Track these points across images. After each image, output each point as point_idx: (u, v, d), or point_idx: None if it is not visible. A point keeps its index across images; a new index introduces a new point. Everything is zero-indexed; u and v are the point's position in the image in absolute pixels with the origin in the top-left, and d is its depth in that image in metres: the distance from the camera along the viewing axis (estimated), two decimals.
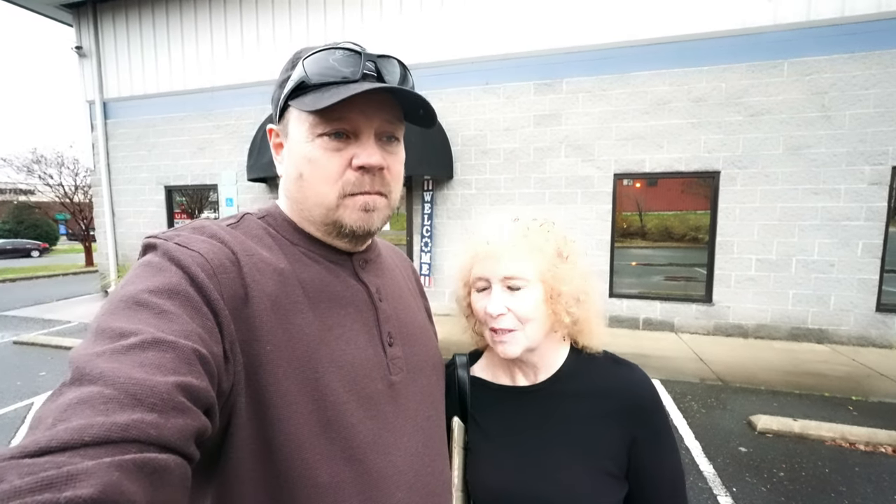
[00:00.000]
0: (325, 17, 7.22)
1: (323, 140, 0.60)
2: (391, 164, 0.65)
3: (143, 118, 8.65)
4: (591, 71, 6.18)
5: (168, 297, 0.47)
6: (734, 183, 5.78)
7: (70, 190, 17.75)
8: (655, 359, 4.98)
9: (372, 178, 0.62)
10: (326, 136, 0.60)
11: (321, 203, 0.62)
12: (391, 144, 0.66)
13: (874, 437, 3.18)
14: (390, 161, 0.65)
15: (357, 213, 0.63)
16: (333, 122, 0.60)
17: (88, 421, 0.34)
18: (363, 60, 0.60)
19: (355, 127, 0.61)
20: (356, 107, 0.59)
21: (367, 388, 0.61)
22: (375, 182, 0.63)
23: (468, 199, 6.86)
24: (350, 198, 0.62)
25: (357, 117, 0.60)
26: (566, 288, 0.77)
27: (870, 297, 5.45)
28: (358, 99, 0.57)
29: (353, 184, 0.61)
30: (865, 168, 5.33)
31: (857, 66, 5.27)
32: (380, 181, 0.64)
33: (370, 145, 0.62)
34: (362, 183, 0.62)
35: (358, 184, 0.62)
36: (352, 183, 0.61)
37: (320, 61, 0.60)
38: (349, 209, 0.62)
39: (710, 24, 5.69)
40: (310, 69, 0.60)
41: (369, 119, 0.61)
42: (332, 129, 0.60)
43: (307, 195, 0.63)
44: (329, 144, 0.60)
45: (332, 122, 0.60)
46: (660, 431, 0.76)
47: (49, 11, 8.93)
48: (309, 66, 0.60)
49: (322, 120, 0.60)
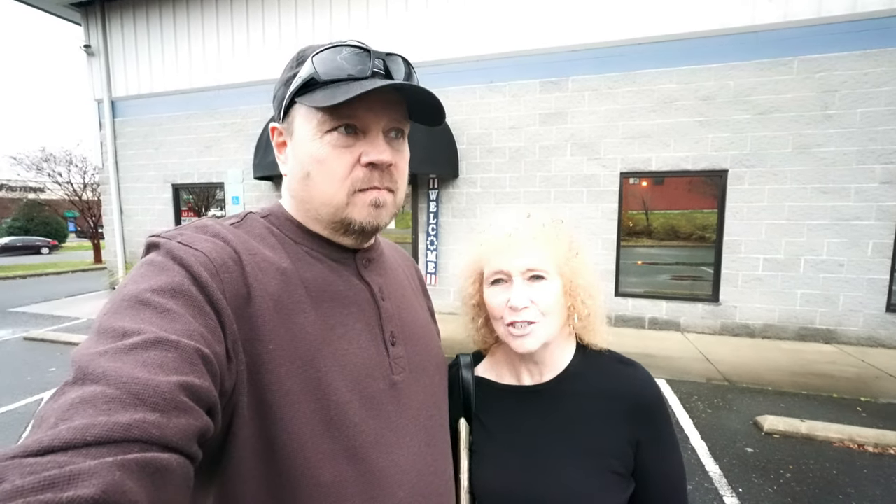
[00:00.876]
0: (330, 15, 7.23)
1: (332, 136, 0.60)
2: (398, 161, 0.65)
3: (150, 116, 8.71)
4: (597, 69, 6.14)
5: (171, 297, 0.47)
6: (742, 182, 5.72)
7: (79, 188, 17.96)
8: (661, 358, 4.95)
9: (381, 175, 0.63)
10: (335, 132, 0.60)
11: (329, 202, 0.62)
12: (398, 142, 0.66)
13: (883, 439, 3.14)
14: (397, 158, 0.65)
15: (367, 209, 0.63)
16: (343, 118, 0.60)
17: (91, 420, 0.34)
18: (372, 58, 0.60)
19: (364, 124, 0.61)
20: (365, 104, 0.60)
21: (369, 387, 0.61)
22: (384, 178, 0.63)
23: (473, 198, 6.85)
24: (360, 194, 0.62)
25: (366, 114, 0.61)
26: (582, 281, 0.79)
27: (880, 298, 5.39)
28: (367, 96, 0.58)
29: (363, 180, 0.62)
30: (876, 167, 5.26)
31: (868, 63, 5.19)
32: (388, 178, 0.64)
33: (379, 142, 0.62)
34: (371, 179, 0.62)
35: (367, 180, 0.62)
36: (361, 179, 0.62)
37: (330, 59, 0.60)
38: (358, 206, 0.63)
39: (717, 22, 5.63)
40: (319, 67, 0.60)
41: (378, 116, 0.61)
42: (342, 123, 0.60)
43: (314, 194, 0.63)
44: (338, 141, 0.61)
45: (342, 118, 0.60)
46: (663, 431, 0.77)
47: (58, 10, 9.02)
48: (318, 64, 0.60)
49: (331, 117, 0.60)
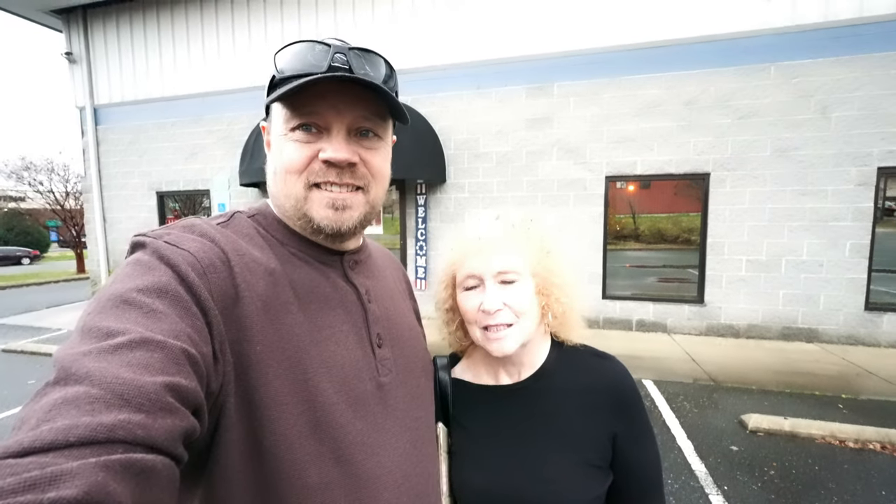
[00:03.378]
0: (316, 20, 7.22)
1: (295, 133, 0.61)
2: (368, 159, 0.64)
3: (134, 123, 8.59)
4: (582, 74, 6.23)
5: (157, 297, 0.46)
6: (724, 185, 5.84)
7: (61, 196, 17.57)
8: (648, 360, 5.00)
9: (340, 172, 0.62)
10: (299, 130, 0.61)
11: (290, 194, 0.63)
12: (368, 140, 0.65)
13: (863, 435, 3.21)
14: (367, 156, 0.64)
15: (325, 210, 0.62)
16: (304, 116, 0.61)
17: (74, 421, 0.34)
18: (332, 53, 0.60)
19: (326, 121, 0.61)
20: (327, 101, 0.60)
21: (355, 388, 0.61)
22: (344, 175, 0.62)
23: (461, 203, 6.87)
24: (316, 189, 0.62)
25: (327, 112, 0.61)
26: (556, 279, 0.79)
27: (858, 297, 5.52)
28: (330, 93, 0.58)
29: (317, 173, 0.61)
30: (852, 169, 5.41)
31: (843, 69, 5.36)
32: (350, 175, 0.63)
33: (338, 140, 0.61)
34: (328, 174, 0.61)
35: (323, 174, 0.61)
36: (316, 172, 0.61)
37: (290, 54, 0.61)
38: (315, 204, 0.62)
39: (699, 28, 5.76)
40: (280, 63, 0.61)
41: (340, 114, 0.61)
42: (302, 122, 0.61)
43: (280, 188, 0.64)
44: (300, 137, 0.61)
45: (303, 115, 0.60)
46: (640, 423, 0.78)
47: (38, 17, 8.85)
48: (279, 60, 0.61)
49: (294, 114, 0.61)
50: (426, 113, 6.69)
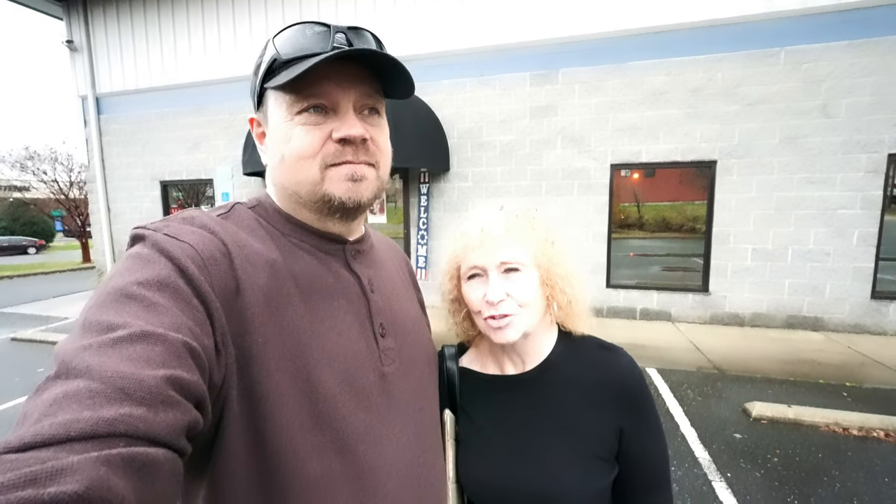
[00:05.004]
0: (318, 8, 7.14)
1: (302, 117, 0.60)
2: (375, 136, 0.64)
3: (136, 113, 8.57)
4: (587, 62, 6.14)
5: (157, 290, 0.46)
6: (730, 173, 5.78)
7: (65, 186, 17.66)
8: (652, 349, 5.01)
9: (355, 150, 0.61)
10: (305, 113, 0.60)
11: (305, 179, 0.61)
12: (372, 117, 0.65)
13: (867, 423, 3.22)
14: (374, 133, 0.64)
15: (344, 183, 0.61)
16: (311, 98, 0.59)
17: (74, 416, 0.34)
18: (332, 33, 0.59)
19: (333, 101, 0.60)
20: (332, 80, 0.59)
21: (358, 379, 0.61)
22: (360, 153, 0.62)
23: (465, 192, 6.84)
24: (333, 168, 0.61)
25: (333, 90, 0.60)
26: (560, 270, 0.79)
27: (865, 286, 5.49)
28: (333, 73, 0.58)
29: (334, 154, 0.60)
30: (861, 157, 5.33)
31: (854, 54, 5.25)
32: (364, 152, 0.62)
33: (350, 118, 0.60)
34: (344, 154, 0.61)
35: (339, 154, 0.61)
36: (332, 153, 0.60)
37: (290, 37, 0.60)
38: (334, 180, 0.61)
39: (705, 13, 5.65)
40: (280, 46, 0.60)
41: (346, 91, 0.60)
42: (310, 103, 0.59)
43: (290, 175, 0.62)
44: (308, 119, 0.60)
45: (309, 97, 0.59)
46: (647, 415, 0.78)
47: (38, 5, 8.78)
48: (279, 44, 0.60)
49: (298, 97, 0.59)
50: (429, 101, 6.62)
